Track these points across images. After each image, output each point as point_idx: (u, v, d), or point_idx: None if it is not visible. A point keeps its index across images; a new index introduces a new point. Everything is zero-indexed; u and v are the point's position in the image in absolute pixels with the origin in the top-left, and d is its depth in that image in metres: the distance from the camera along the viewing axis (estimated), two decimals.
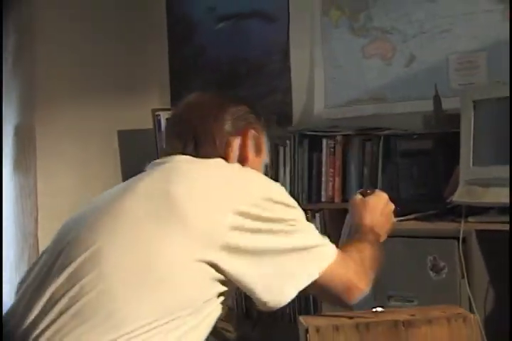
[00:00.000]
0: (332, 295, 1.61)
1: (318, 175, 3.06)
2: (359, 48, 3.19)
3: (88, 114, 3.54)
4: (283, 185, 3.13)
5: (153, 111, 3.47)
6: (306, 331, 1.81)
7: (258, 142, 1.62)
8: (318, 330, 1.81)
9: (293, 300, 3.49)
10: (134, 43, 3.75)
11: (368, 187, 2.76)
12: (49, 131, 3.39)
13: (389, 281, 2.37)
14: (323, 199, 3.06)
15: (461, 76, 2.90)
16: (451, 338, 1.75)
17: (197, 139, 1.56)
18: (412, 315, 1.81)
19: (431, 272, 2.39)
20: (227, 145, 1.57)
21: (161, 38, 3.82)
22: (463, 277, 2.34)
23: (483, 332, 2.13)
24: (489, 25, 2.82)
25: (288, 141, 3.12)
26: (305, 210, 3.08)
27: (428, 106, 2.80)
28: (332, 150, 3.02)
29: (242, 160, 1.59)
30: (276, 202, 1.50)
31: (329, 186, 3.03)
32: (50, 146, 3.38)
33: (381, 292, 2.39)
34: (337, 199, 3.02)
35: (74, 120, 3.52)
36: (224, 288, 1.45)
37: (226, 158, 1.55)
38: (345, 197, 3.01)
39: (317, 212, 3.08)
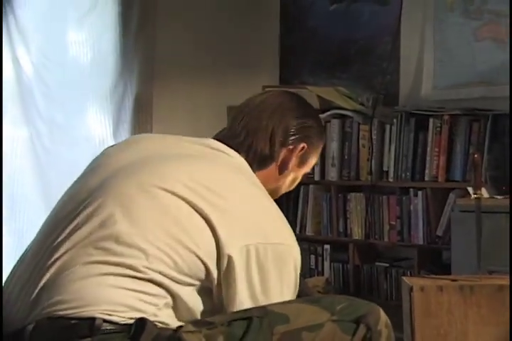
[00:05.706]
0: None
1: (423, 153, 3.10)
2: (471, 31, 3.21)
3: (201, 88, 3.68)
4: (388, 162, 3.20)
5: (264, 87, 3.57)
6: (411, 290, 1.88)
7: (305, 155, 1.66)
8: (422, 289, 1.88)
9: (391, 276, 3.50)
10: (248, 22, 3.86)
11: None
12: (165, 101, 3.56)
13: (491, 256, 2.40)
14: (426, 178, 3.10)
15: None
16: None
17: (253, 132, 1.63)
18: None
19: None
20: (278, 150, 1.62)
21: (274, 18, 3.92)
22: None
23: None
24: None
25: (395, 120, 3.17)
26: (408, 188, 3.17)
27: None
28: (438, 129, 3.05)
29: (282, 169, 1.64)
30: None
31: (433, 165, 3.07)
32: (165, 116, 3.54)
33: (483, 267, 2.42)
34: (441, 179, 3.06)
35: (188, 93, 3.66)
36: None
37: (269, 161, 1.62)
38: (449, 176, 3.05)
39: (419, 190, 3.13)
